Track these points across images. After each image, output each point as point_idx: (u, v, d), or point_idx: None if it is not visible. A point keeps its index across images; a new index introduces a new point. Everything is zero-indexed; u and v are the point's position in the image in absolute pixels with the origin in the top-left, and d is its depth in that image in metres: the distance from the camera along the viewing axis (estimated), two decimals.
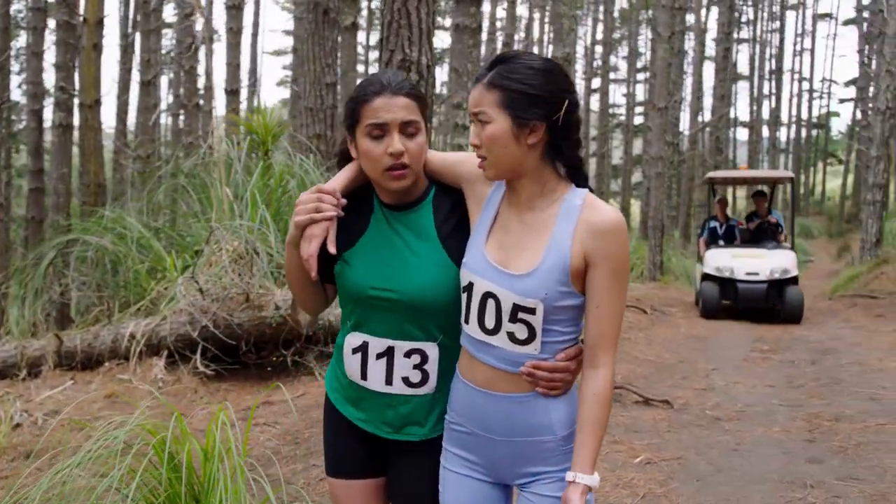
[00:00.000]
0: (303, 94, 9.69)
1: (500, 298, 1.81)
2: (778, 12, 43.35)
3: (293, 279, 2.05)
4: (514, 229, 1.88)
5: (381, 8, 5.20)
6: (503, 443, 1.88)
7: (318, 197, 1.91)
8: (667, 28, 18.08)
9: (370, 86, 1.92)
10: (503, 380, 1.86)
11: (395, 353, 1.98)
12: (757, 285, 10.91)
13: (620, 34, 42.38)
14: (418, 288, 1.95)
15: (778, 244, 11.66)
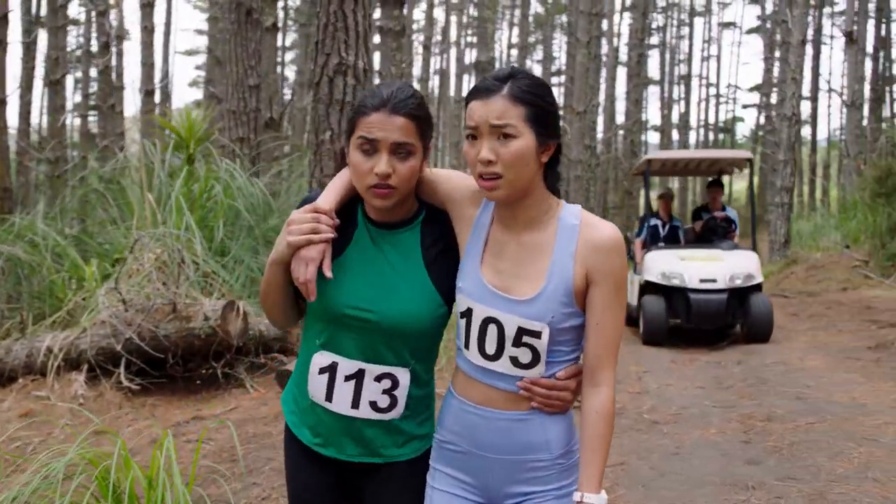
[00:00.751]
0: (225, 97, 9.46)
1: (504, 323, 1.78)
2: (686, 20, 44.78)
3: (272, 298, 1.96)
4: (511, 253, 1.83)
5: (316, 11, 5.07)
6: (498, 461, 1.84)
7: (314, 217, 1.83)
8: (585, 33, 18.43)
9: (371, 98, 1.85)
10: (502, 399, 1.82)
11: (366, 376, 1.90)
12: (715, 295, 8.54)
13: (535, 38, 43.00)
14: (398, 312, 1.88)
15: (734, 244, 9.55)
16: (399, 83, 1.89)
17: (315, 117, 5.09)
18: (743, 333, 8.78)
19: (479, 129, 1.74)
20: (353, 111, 1.88)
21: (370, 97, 1.85)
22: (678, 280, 8.66)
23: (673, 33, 44.09)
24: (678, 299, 8.76)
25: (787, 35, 21.27)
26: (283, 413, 2.07)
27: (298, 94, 23.27)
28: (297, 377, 2.02)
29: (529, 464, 1.82)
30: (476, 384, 1.84)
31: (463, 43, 35.41)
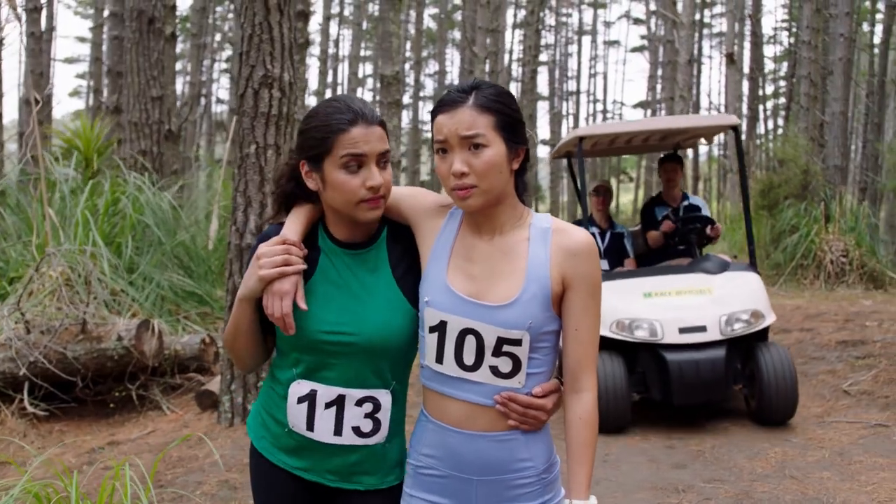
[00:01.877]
0: (126, 108, 9.10)
1: (482, 333, 1.73)
2: (574, 38, 46.18)
3: (241, 341, 1.89)
4: (482, 257, 1.79)
5: (240, 22, 4.97)
6: (483, 482, 1.79)
7: (284, 248, 1.78)
8: (483, 49, 18.69)
9: (341, 113, 1.78)
10: (480, 416, 1.76)
11: (346, 401, 1.85)
12: (705, 353, 5.17)
13: (428, 52, 43.34)
14: (377, 329, 1.83)
15: (722, 261, 5.85)
16: (350, 96, 1.85)
17: (239, 130, 4.97)
18: (750, 409, 5.47)
19: (449, 142, 1.73)
20: (321, 132, 1.79)
21: (338, 113, 1.78)
22: (645, 332, 5.22)
23: (561, 51, 45.29)
24: (646, 361, 5.35)
25: (672, 55, 22.20)
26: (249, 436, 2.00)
27: (189, 106, 22.64)
28: (268, 404, 1.95)
29: (515, 482, 1.79)
30: (452, 403, 1.78)
31: (360, 56, 35.34)
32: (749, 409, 5.56)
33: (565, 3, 41.72)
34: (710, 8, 36.84)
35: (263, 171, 4.95)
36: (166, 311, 6.76)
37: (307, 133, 1.82)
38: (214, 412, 5.38)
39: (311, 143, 1.80)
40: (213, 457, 4.74)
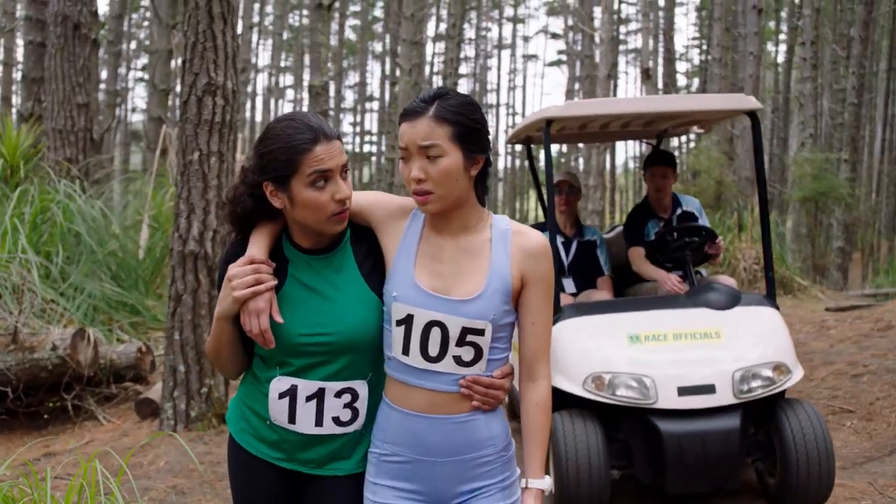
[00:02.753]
0: (49, 115, 8.89)
1: (447, 325, 1.85)
2: (493, 52, 46.93)
3: (225, 354, 1.99)
4: (448, 256, 1.91)
5: (182, 29, 4.99)
6: (447, 463, 1.90)
7: (254, 268, 1.87)
8: (407, 60, 18.87)
9: (302, 133, 1.83)
10: (445, 402, 1.89)
11: (326, 394, 1.93)
12: (713, 422, 3.79)
13: (348, 63, 43.34)
14: (353, 326, 1.92)
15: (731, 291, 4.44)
16: (301, 112, 1.92)
17: (182, 137, 4.98)
18: (768, 489, 4.11)
19: (409, 149, 1.84)
20: (286, 153, 1.82)
21: (299, 133, 1.83)
22: (632, 391, 3.88)
23: (481, 64, 45.94)
24: (632, 429, 4.02)
25: (591, 69, 22.84)
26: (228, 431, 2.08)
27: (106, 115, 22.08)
28: (248, 398, 2.03)
29: (478, 460, 1.91)
30: (416, 391, 1.89)
31: (279, 67, 35.14)
32: (766, 490, 4.11)
33: (485, 16, 42.36)
34: (625, 24, 38.05)
35: (207, 178, 4.97)
36: (100, 321, 6.65)
37: (270, 154, 1.85)
38: (155, 420, 5.34)
39: (276, 164, 1.84)
40: (157, 464, 4.73)
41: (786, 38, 30.24)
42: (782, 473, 3.88)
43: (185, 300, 5.03)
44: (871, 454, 4.83)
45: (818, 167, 15.89)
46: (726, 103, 4.70)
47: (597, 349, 4.07)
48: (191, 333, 5.05)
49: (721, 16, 17.38)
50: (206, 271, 5.04)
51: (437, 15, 37.18)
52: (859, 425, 5.26)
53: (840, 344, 7.18)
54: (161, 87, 13.86)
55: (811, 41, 17.19)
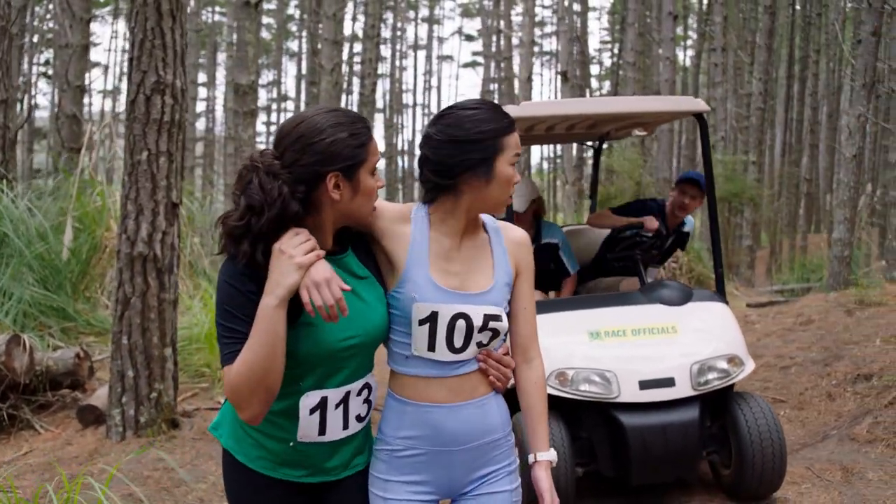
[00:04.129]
0: None
1: (471, 315, 1.95)
2: (409, 52, 47.02)
3: (280, 354, 1.74)
4: (459, 256, 2.02)
5: (130, 25, 4.86)
6: (464, 451, 1.98)
7: (306, 234, 1.78)
8: (329, 60, 18.72)
9: (356, 123, 1.84)
10: (467, 387, 1.98)
11: (351, 395, 1.94)
12: (674, 414, 3.98)
13: (263, 62, 42.62)
14: (376, 326, 1.94)
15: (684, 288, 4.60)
16: (331, 107, 1.91)
17: (130, 137, 4.85)
18: (722, 482, 4.30)
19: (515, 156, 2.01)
20: (354, 140, 1.81)
21: (353, 124, 1.83)
22: (594, 386, 4.00)
23: (398, 64, 45.95)
24: (594, 426, 4.13)
25: (508, 71, 23.18)
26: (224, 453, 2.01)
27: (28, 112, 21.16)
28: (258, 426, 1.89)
29: (490, 444, 2.01)
30: (437, 383, 1.96)
31: (197, 65, 34.25)
32: (721, 481, 4.29)
33: (401, 17, 42.37)
34: (540, 27, 38.69)
35: (156, 178, 4.86)
36: (31, 327, 6.40)
37: (336, 144, 1.79)
38: (99, 427, 5.19)
39: (348, 152, 1.80)
40: (107, 472, 4.59)
41: (693, 44, 31.37)
42: (738, 465, 4.06)
43: (133, 303, 4.90)
44: (806, 441, 5.12)
45: (730, 169, 16.55)
46: (678, 105, 4.93)
47: (559, 346, 4.13)
48: (140, 337, 4.92)
49: (635, 21, 17.91)
50: (155, 273, 4.93)
51: (353, 15, 37.03)
52: (792, 414, 5.55)
53: (766, 338, 7.54)
54: (76, 83, 13.36)
55: (721, 48, 17.89)
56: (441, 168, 1.95)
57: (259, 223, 1.73)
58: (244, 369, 1.72)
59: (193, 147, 31.52)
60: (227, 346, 1.76)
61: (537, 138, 6.02)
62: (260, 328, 1.71)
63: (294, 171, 1.77)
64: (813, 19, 24.84)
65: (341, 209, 1.86)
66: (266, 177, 1.74)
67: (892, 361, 5.75)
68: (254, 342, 1.72)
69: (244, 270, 1.76)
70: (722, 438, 4.22)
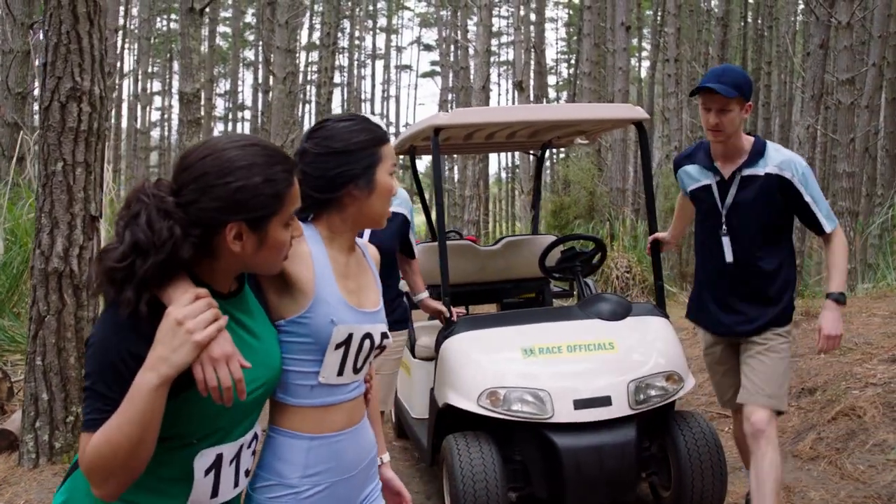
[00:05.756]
0: None
1: (374, 334, 1.91)
2: (367, 61, 46.84)
3: (151, 438, 1.46)
4: (352, 273, 1.95)
5: (44, 28, 4.62)
6: (359, 474, 1.93)
7: (207, 302, 1.50)
8: (281, 69, 18.49)
9: (275, 166, 1.60)
10: (357, 409, 1.93)
11: (243, 448, 1.71)
12: (610, 434, 3.74)
13: (219, 72, 42.18)
14: (275, 372, 1.75)
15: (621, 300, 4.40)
16: (247, 135, 1.69)
17: (44, 146, 4.60)
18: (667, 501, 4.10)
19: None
20: (268, 187, 1.57)
21: (279, 167, 1.61)
22: (527, 406, 3.78)
23: (356, 73, 45.76)
24: (527, 447, 3.92)
25: (465, 80, 23.12)
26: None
27: None
28: (137, 494, 1.58)
29: (370, 462, 1.98)
30: (335, 410, 1.85)
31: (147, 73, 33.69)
32: (665, 500, 4.10)
33: (359, 26, 42.22)
34: (497, 37, 38.79)
35: (72, 189, 4.61)
36: None
37: (248, 190, 1.55)
38: (13, 454, 4.90)
39: (257, 202, 1.56)
40: (17, 502, 4.33)
41: (648, 55, 31.65)
42: (677, 487, 3.92)
43: (48, 322, 4.64)
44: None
45: None
46: (615, 113, 4.67)
47: (490, 364, 3.96)
48: (55, 358, 4.66)
49: (590, 31, 17.95)
50: (71, 290, 4.67)
51: (310, 23, 36.79)
52: None
53: None
54: (17, 90, 12.96)
55: (675, 58, 17.99)
56: (321, 182, 1.87)
57: (143, 266, 1.46)
58: (105, 449, 1.43)
59: (147, 157, 30.98)
60: (91, 408, 1.47)
61: (477, 146, 5.94)
62: (133, 407, 1.42)
63: (189, 212, 1.51)
64: (764, 32, 25.18)
65: (242, 260, 1.62)
66: (156, 213, 1.49)
67: (836, 375, 5.68)
68: (122, 420, 1.43)
69: (127, 323, 1.47)
70: (661, 459, 4.05)
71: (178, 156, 1.65)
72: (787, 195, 3.45)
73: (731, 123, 3.39)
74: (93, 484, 1.48)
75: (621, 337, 4.08)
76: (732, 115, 3.37)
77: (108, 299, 1.51)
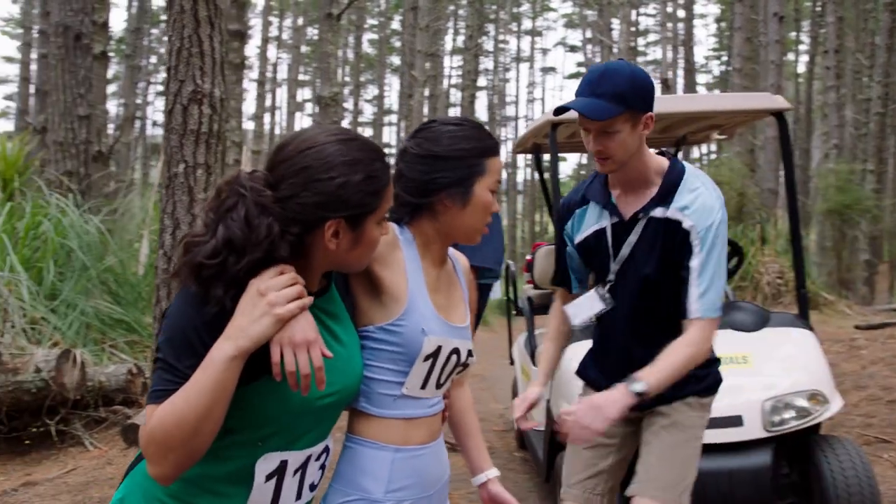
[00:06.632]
0: (50, 127, 8.71)
1: (461, 350, 1.84)
2: (512, 64, 46.76)
3: (219, 411, 1.38)
4: (443, 286, 1.89)
5: (168, 34, 4.74)
6: (439, 490, 1.87)
7: (293, 278, 1.43)
8: (422, 72, 18.69)
9: (375, 162, 1.54)
10: (437, 422, 1.87)
11: (311, 460, 1.60)
12: (740, 458, 3.35)
13: (366, 78, 43.30)
14: (357, 375, 1.67)
15: (758, 310, 4.12)
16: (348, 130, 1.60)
17: (167, 149, 4.72)
18: None
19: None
20: (369, 185, 1.51)
21: (379, 164, 1.55)
22: None
23: (501, 76, 45.76)
24: None
25: None
26: None
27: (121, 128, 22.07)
28: (192, 496, 1.51)
29: (446, 482, 1.90)
30: (419, 423, 1.80)
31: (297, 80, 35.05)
32: None
33: (503, 29, 42.20)
34: (644, 36, 37.72)
35: (193, 191, 4.69)
36: (91, 339, 6.39)
37: (350, 187, 1.49)
38: None
39: (358, 199, 1.51)
40: None
41: (808, 49, 29.78)
42: None
43: None
44: None
45: (843, 178, 15.47)
46: (751, 102, 4.18)
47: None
48: None
49: (742, 25, 17.02)
50: None
51: (454, 28, 37.08)
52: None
53: (872, 366, 6.77)
54: None
55: (834, 50, 16.79)
56: (413, 185, 1.80)
57: (237, 265, 1.39)
58: (170, 420, 1.35)
59: None
60: (161, 379, 1.40)
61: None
62: (205, 377, 1.35)
63: (289, 207, 1.45)
64: None
65: (334, 258, 1.56)
66: (254, 209, 1.41)
67: None
68: (192, 391, 1.35)
69: (212, 320, 1.39)
70: (803, 488, 3.56)
71: (274, 146, 1.60)
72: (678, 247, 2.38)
73: (620, 148, 2.32)
74: (150, 461, 1.40)
75: (756, 350, 3.66)
76: (621, 137, 2.30)
77: (192, 289, 1.42)
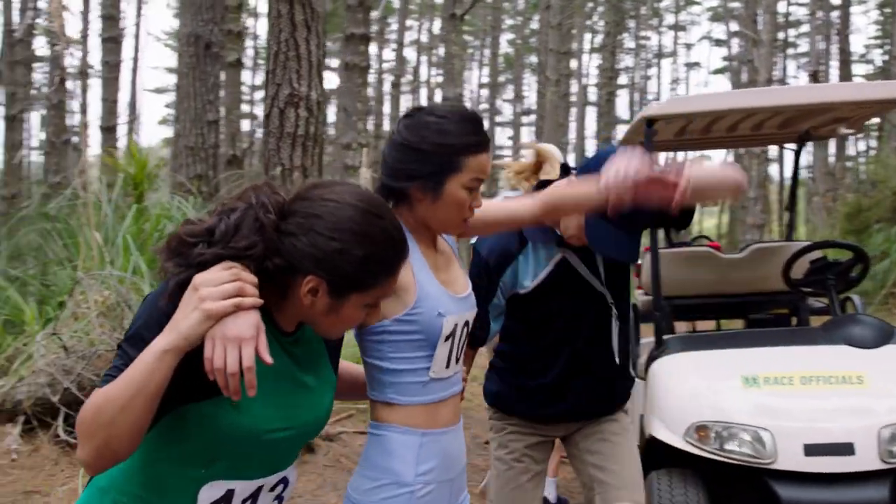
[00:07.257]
0: (182, 132, 9.15)
1: (469, 321, 1.88)
2: (653, 60, 45.45)
3: (140, 407, 1.29)
4: (442, 265, 1.90)
5: (267, 39, 4.82)
6: (457, 478, 1.85)
7: (234, 273, 1.33)
8: (554, 71, 18.42)
9: (388, 251, 1.50)
10: (456, 404, 1.86)
11: (263, 490, 1.54)
12: (852, 491, 2.93)
13: (505, 78, 43.27)
14: (317, 418, 1.58)
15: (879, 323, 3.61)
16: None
17: (265, 151, 4.81)
18: None
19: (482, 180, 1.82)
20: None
21: (392, 252, 1.51)
22: (744, 446, 3.07)
23: (641, 73, 44.59)
24: (744, 496, 3.21)
25: (753, 74, 21.45)
26: None
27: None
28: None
29: (464, 467, 1.89)
30: (444, 405, 1.80)
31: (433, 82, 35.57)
32: None
33: (644, 25, 41.11)
34: (795, 27, 35.67)
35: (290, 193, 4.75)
36: None
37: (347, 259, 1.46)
38: None
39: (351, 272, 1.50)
40: None
41: None
42: None
43: None
44: None
45: None
46: (879, 92, 3.60)
47: (702, 392, 3.33)
48: None
49: None
50: None
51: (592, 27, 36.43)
52: None
53: None
54: None
55: None
56: (387, 170, 1.80)
57: (203, 255, 1.35)
58: (99, 401, 1.30)
59: None
60: (113, 365, 1.37)
61: (719, 141, 5.05)
62: (134, 367, 1.29)
63: (283, 241, 1.42)
64: None
65: (307, 313, 1.50)
66: (252, 222, 1.39)
67: None
68: (121, 379, 1.30)
69: (170, 312, 1.34)
70: None
71: (310, 181, 1.64)
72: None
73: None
74: (78, 442, 1.36)
75: (874, 369, 3.26)
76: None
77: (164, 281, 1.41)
